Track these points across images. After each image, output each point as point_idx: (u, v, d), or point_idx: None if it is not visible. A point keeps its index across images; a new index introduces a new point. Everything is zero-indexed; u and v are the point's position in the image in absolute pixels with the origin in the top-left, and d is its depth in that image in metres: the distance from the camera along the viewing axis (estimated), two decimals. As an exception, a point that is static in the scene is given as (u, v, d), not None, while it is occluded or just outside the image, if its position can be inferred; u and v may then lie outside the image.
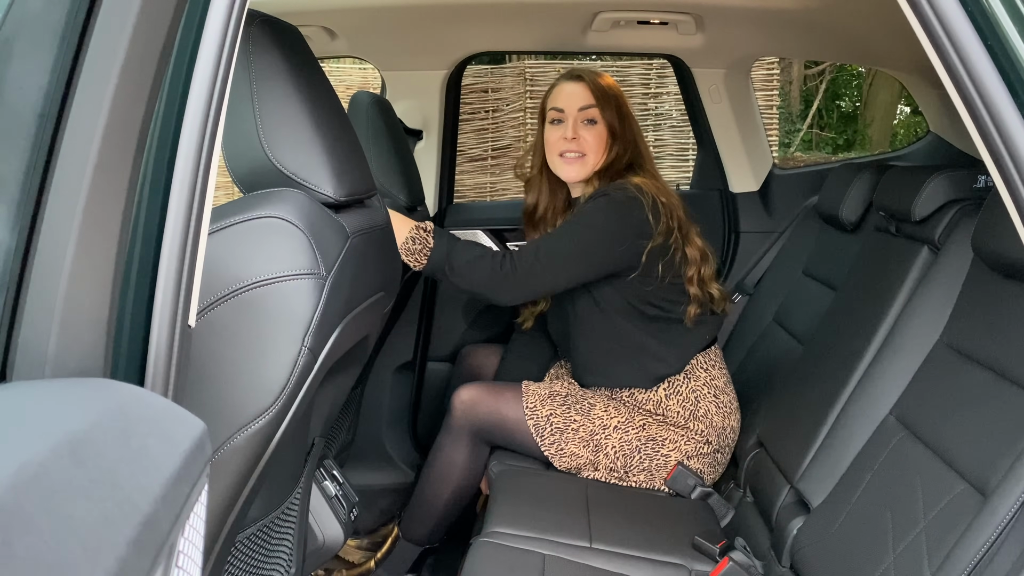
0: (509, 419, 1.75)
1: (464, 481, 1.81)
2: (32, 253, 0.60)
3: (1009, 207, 0.86)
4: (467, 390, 1.80)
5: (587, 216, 1.73)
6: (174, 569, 0.51)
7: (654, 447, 1.73)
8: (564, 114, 1.85)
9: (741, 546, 1.49)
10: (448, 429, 1.80)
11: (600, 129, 1.83)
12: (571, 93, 1.85)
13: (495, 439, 1.80)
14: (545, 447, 1.73)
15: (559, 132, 1.85)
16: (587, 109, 1.83)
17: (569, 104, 1.84)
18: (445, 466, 1.81)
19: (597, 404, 1.76)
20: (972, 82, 0.83)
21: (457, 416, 1.78)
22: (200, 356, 0.84)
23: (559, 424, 1.73)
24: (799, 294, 2.09)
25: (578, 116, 1.83)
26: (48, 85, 0.61)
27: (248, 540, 1.10)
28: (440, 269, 1.69)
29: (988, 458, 1.11)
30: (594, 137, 1.83)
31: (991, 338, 1.24)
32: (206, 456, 0.59)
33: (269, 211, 0.94)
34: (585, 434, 1.73)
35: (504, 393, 1.79)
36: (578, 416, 1.74)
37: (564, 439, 1.73)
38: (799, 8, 1.85)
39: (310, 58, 1.10)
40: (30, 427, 0.46)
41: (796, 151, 8.88)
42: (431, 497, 1.83)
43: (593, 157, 1.83)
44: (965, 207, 1.48)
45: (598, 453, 1.73)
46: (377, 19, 2.04)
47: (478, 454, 1.81)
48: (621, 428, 1.73)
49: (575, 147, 1.83)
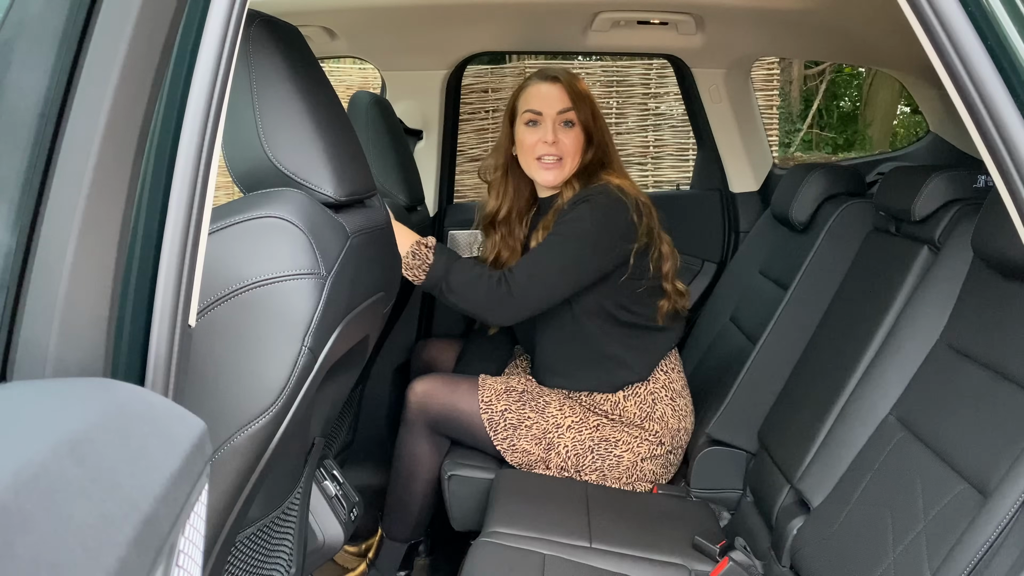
0: (464, 412, 1.75)
1: (430, 474, 1.82)
2: (32, 253, 0.60)
3: (1009, 207, 0.86)
4: (422, 383, 1.80)
5: (574, 225, 1.70)
6: (174, 569, 0.51)
7: (607, 447, 1.74)
8: (542, 116, 1.81)
9: (741, 546, 1.50)
10: (405, 423, 1.80)
11: (577, 132, 1.81)
12: (548, 95, 1.82)
13: (450, 432, 1.80)
14: (498, 442, 1.73)
15: (536, 135, 1.81)
16: (565, 112, 1.81)
17: (547, 106, 1.81)
18: (410, 461, 1.81)
19: (552, 402, 1.76)
20: (972, 82, 0.83)
21: (412, 409, 1.79)
22: (200, 356, 0.84)
23: (513, 420, 1.74)
24: (753, 293, 2.10)
25: (556, 119, 1.80)
26: (48, 85, 0.61)
27: (248, 540, 1.10)
28: (437, 287, 1.69)
29: (988, 458, 1.11)
30: (572, 140, 1.81)
31: (991, 338, 1.24)
32: (206, 456, 0.59)
33: (269, 211, 0.94)
34: (538, 432, 1.73)
35: (460, 386, 1.79)
36: (532, 413, 1.75)
37: (517, 435, 1.73)
38: (799, 8, 1.85)
39: (310, 58, 1.10)
40: (30, 427, 0.46)
41: (796, 151, 8.87)
42: (402, 493, 1.84)
43: (570, 161, 1.81)
44: (965, 207, 1.48)
45: (550, 451, 1.73)
46: (377, 19, 2.04)
47: (439, 445, 1.82)
48: (575, 428, 1.74)
49: (555, 151, 1.80)
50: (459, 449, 1.83)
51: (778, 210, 2.06)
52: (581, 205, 1.72)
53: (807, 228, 1.94)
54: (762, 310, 1.94)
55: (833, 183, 1.93)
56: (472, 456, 1.80)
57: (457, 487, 1.76)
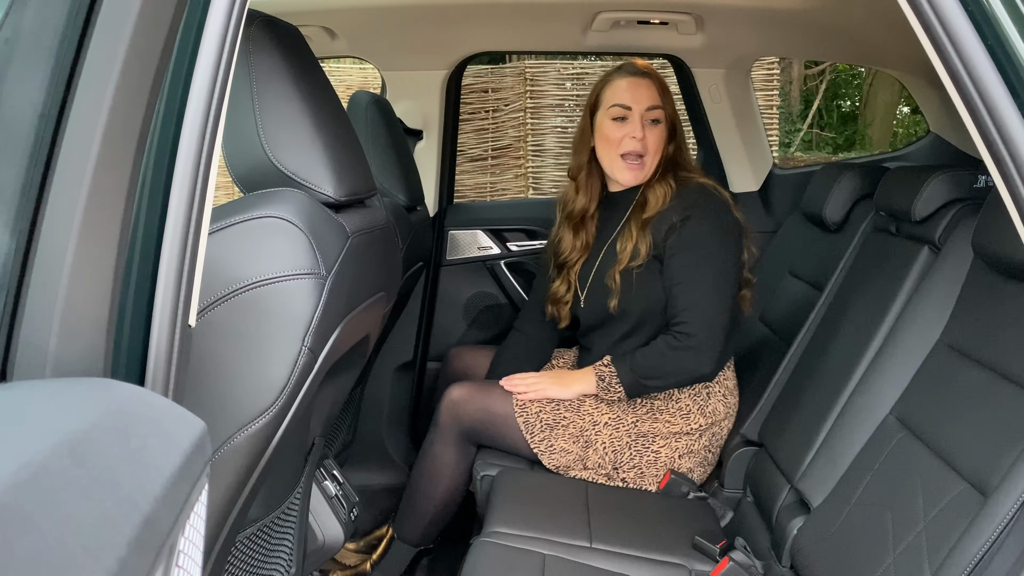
0: (498, 416, 1.75)
1: (454, 481, 1.81)
2: (32, 253, 0.60)
3: (1009, 207, 0.86)
4: (456, 389, 1.79)
5: (701, 247, 1.70)
6: (174, 569, 0.51)
7: (644, 443, 1.73)
8: (631, 112, 1.77)
9: (741, 546, 1.49)
10: (436, 429, 1.79)
11: (661, 129, 1.79)
12: (639, 90, 1.78)
13: (483, 438, 1.79)
14: (535, 444, 1.72)
15: (623, 130, 1.77)
16: (654, 109, 1.78)
17: (636, 101, 1.77)
18: (434, 466, 1.80)
19: (587, 400, 1.75)
20: (972, 82, 0.83)
21: (445, 415, 1.78)
22: (200, 356, 0.84)
23: (549, 420, 1.73)
24: (784, 294, 2.09)
25: (645, 115, 1.77)
26: (48, 85, 0.61)
27: (248, 540, 1.10)
28: (637, 390, 1.70)
29: (988, 458, 1.11)
30: (656, 138, 1.78)
31: (991, 338, 1.24)
32: (206, 456, 0.59)
33: (269, 211, 0.94)
34: (575, 430, 1.73)
35: (493, 391, 1.78)
36: (568, 413, 1.74)
37: (554, 435, 1.72)
38: (799, 8, 1.85)
39: (310, 58, 1.10)
40: (30, 427, 0.46)
41: (796, 151, 8.88)
42: (422, 498, 1.83)
43: (652, 159, 1.79)
44: (965, 207, 1.48)
45: (588, 449, 1.72)
46: (377, 19, 2.04)
47: (467, 453, 1.81)
48: (612, 425, 1.73)
49: (640, 148, 1.77)
50: (490, 450, 1.82)
51: (810, 210, 2.05)
52: (692, 222, 1.71)
53: (840, 228, 1.93)
54: (795, 310, 1.93)
55: (868, 183, 1.91)
56: (504, 457, 1.79)
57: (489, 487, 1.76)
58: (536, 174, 6.64)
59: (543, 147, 6.61)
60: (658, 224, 1.73)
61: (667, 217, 1.73)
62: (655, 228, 1.74)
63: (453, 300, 2.42)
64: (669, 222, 1.72)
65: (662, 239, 1.73)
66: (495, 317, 2.43)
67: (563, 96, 6.56)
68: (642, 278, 1.75)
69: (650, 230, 1.74)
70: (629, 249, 1.75)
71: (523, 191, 6.62)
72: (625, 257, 1.75)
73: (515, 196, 6.58)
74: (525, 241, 2.44)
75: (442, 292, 2.42)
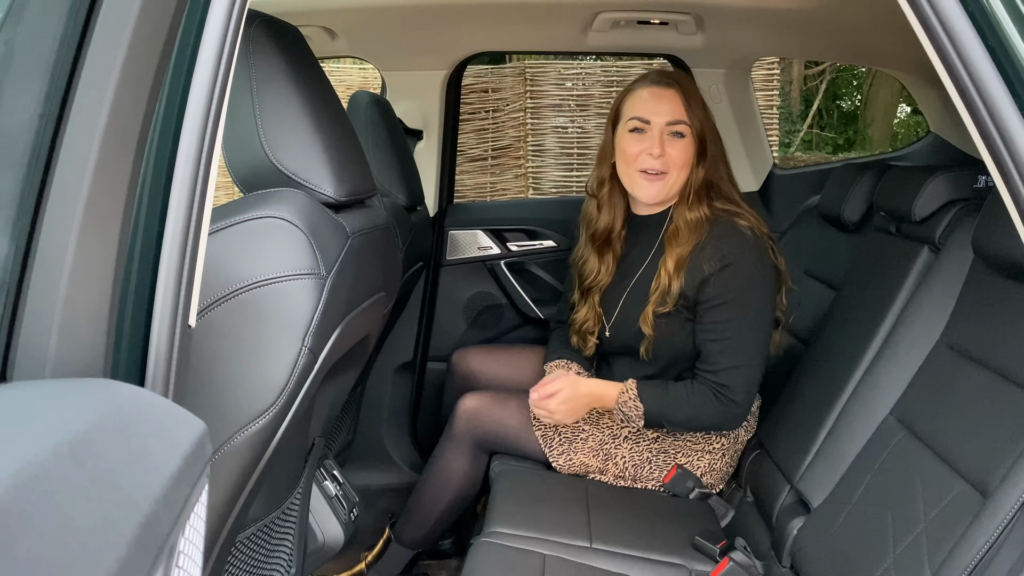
0: (514, 429, 1.73)
1: (462, 489, 1.80)
2: (32, 253, 0.60)
3: (1009, 207, 0.86)
4: (472, 399, 1.77)
5: (741, 304, 1.58)
6: (174, 569, 0.51)
7: (665, 459, 1.70)
8: (649, 125, 1.64)
9: (741, 546, 1.49)
10: (450, 437, 1.78)
11: (687, 143, 1.64)
12: (659, 101, 1.65)
13: (498, 448, 1.78)
14: (553, 458, 1.71)
15: (640, 145, 1.64)
16: (676, 124, 1.64)
17: (655, 114, 1.64)
18: (445, 473, 1.79)
19: (605, 412, 1.73)
20: (972, 82, 0.83)
21: (460, 425, 1.76)
22: (200, 356, 0.84)
23: (567, 434, 1.71)
24: (801, 295, 2.09)
25: (665, 128, 1.64)
26: (48, 85, 0.61)
27: (248, 540, 1.10)
28: (654, 423, 1.64)
29: (988, 458, 1.11)
30: (680, 152, 1.64)
31: (991, 338, 1.24)
32: (206, 456, 0.59)
33: (269, 211, 0.94)
34: (595, 443, 1.70)
35: (510, 403, 1.76)
36: (587, 426, 1.71)
37: (573, 448, 1.71)
38: (799, 8, 1.84)
39: (310, 58, 1.10)
40: (30, 427, 0.46)
41: (796, 151, 8.88)
42: (428, 503, 1.82)
43: (675, 175, 1.65)
44: (965, 207, 1.48)
45: (607, 462, 1.70)
46: (377, 19, 2.04)
47: (478, 463, 1.79)
48: (632, 438, 1.70)
49: (659, 165, 1.63)
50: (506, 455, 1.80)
51: (827, 210, 2.04)
52: (729, 271, 1.58)
53: (858, 228, 1.92)
54: (814, 312, 1.91)
55: None
56: (520, 460, 1.78)
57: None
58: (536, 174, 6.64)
59: (543, 147, 6.61)
60: (692, 270, 1.61)
61: (699, 263, 1.60)
62: (688, 273, 1.61)
63: (453, 300, 2.42)
64: (703, 272, 1.59)
65: (695, 290, 1.61)
66: (495, 317, 2.43)
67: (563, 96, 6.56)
68: (670, 326, 1.65)
69: (684, 274, 1.62)
70: (659, 293, 1.64)
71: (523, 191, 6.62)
72: (656, 299, 1.64)
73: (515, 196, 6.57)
74: (525, 241, 2.44)
75: (442, 292, 2.42)
